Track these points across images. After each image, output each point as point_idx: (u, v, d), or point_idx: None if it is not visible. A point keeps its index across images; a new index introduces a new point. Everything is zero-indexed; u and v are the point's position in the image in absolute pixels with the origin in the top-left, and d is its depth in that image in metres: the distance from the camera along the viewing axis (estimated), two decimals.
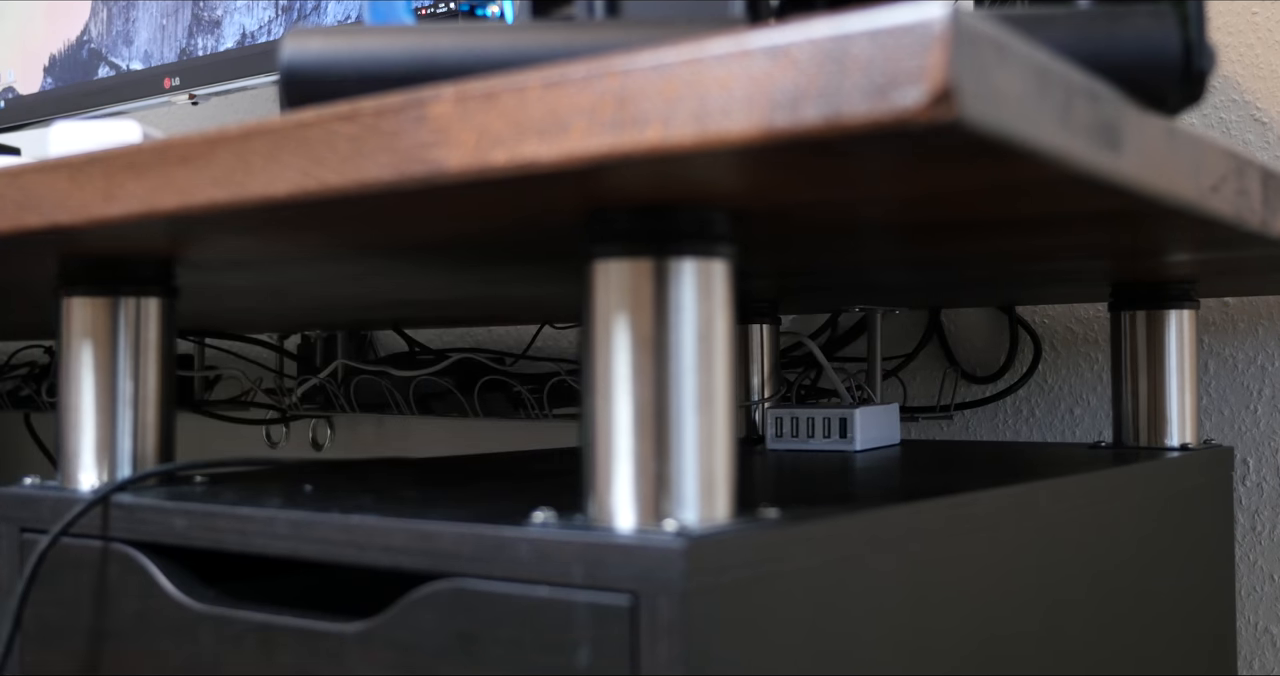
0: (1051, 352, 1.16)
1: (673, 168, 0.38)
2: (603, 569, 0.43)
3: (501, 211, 0.47)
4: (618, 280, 0.45)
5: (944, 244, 0.62)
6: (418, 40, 0.49)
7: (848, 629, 0.49)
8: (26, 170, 0.51)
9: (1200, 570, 0.84)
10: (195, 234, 0.53)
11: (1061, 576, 0.66)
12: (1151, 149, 0.43)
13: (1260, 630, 1.06)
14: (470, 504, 0.54)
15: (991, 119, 0.33)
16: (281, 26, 1.13)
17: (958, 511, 0.57)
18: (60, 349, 0.64)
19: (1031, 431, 1.17)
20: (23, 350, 1.80)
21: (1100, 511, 0.70)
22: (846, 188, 0.43)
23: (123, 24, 1.27)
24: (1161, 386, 0.89)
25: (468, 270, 0.69)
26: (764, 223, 0.51)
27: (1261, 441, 1.06)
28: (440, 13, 0.85)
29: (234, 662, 0.54)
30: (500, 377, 1.31)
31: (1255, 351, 1.07)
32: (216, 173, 0.45)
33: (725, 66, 0.34)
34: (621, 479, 0.45)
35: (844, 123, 0.32)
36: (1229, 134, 1.06)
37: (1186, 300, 0.88)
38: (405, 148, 0.40)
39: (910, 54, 0.32)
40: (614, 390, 0.45)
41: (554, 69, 0.37)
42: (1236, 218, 0.51)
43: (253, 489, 0.63)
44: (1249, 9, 1.06)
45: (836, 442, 0.88)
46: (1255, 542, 1.06)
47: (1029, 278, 0.84)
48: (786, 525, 0.46)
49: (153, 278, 0.65)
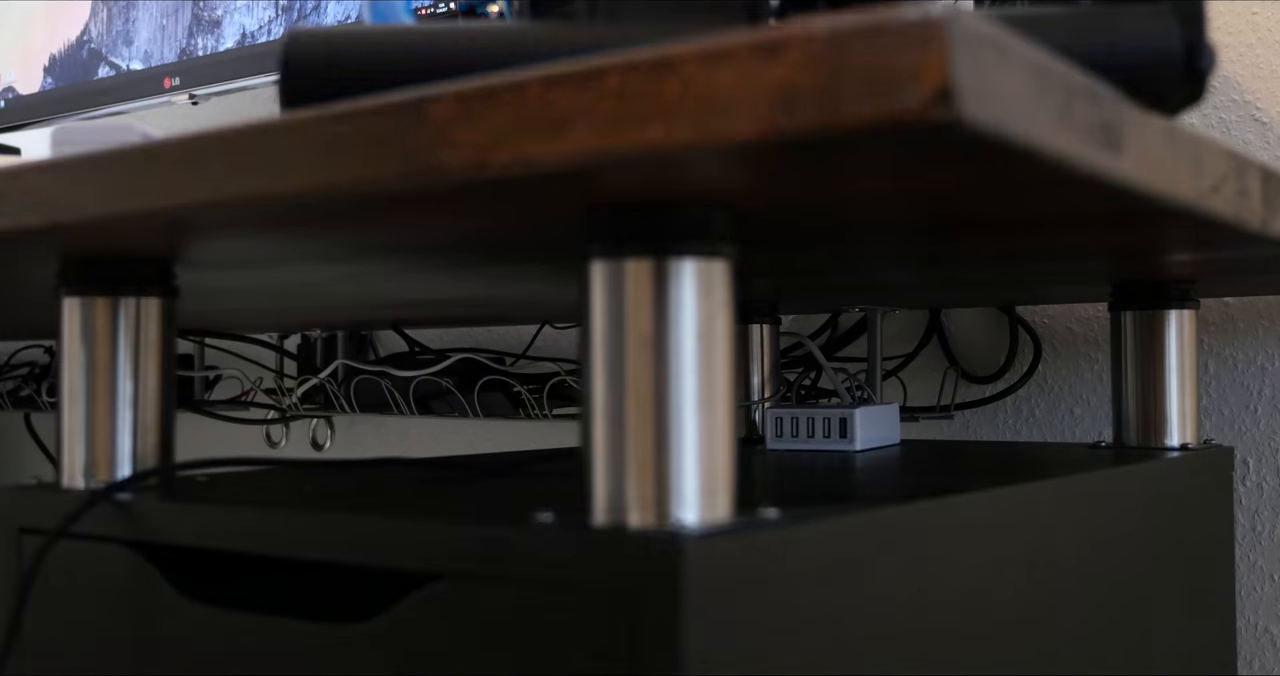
0: (1051, 352, 1.16)
1: (673, 168, 0.38)
2: (603, 568, 0.43)
3: (501, 211, 0.47)
4: (617, 280, 0.45)
5: (944, 244, 0.62)
6: (418, 40, 0.49)
7: (847, 628, 0.49)
8: (26, 170, 0.51)
9: (1200, 570, 0.84)
10: (195, 234, 0.53)
11: (1061, 576, 0.66)
12: (1151, 149, 0.43)
13: (1260, 630, 1.06)
14: (470, 504, 0.54)
15: (991, 119, 0.33)
16: (281, 26, 1.13)
17: (958, 511, 0.57)
18: (60, 349, 0.64)
19: (1031, 431, 1.17)
20: (23, 350, 1.80)
21: (1100, 511, 0.70)
22: (846, 187, 0.43)
23: (123, 24, 1.27)
24: (1161, 386, 0.89)
25: (468, 270, 0.69)
26: (764, 223, 0.51)
27: (1261, 441, 1.06)
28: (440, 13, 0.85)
29: (233, 663, 0.54)
30: (500, 378, 1.31)
31: (1255, 351, 1.07)
32: (216, 173, 0.45)
33: (725, 66, 0.34)
34: (621, 479, 0.45)
35: (844, 122, 0.32)
36: (1229, 134, 1.06)
37: (1186, 300, 0.88)
38: (405, 148, 0.40)
39: (910, 54, 0.32)
40: (614, 390, 0.45)
41: (554, 69, 0.37)
42: (1236, 218, 0.51)
43: (252, 489, 0.63)
44: (1249, 9, 1.06)
45: (836, 442, 0.88)
46: (1255, 542, 1.06)
47: (1029, 278, 0.84)
48: (786, 525, 0.46)
49: (153, 278, 0.65)
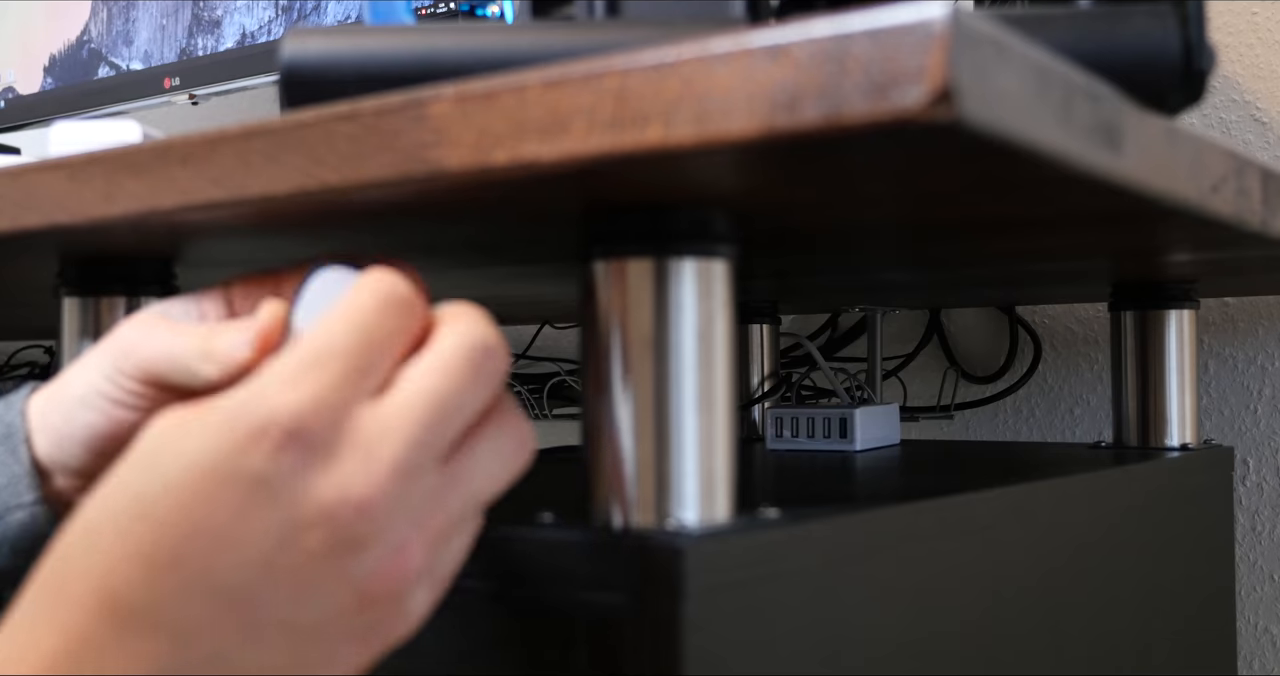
0: (1051, 352, 1.16)
1: (673, 168, 0.38)
2: (603, 568, 0.43)
3: (501, 211, 0.47)
4: (617, 280, 0.45)
5: (944, 244, 0.62)
6: (418, 40, 0.49)
7: (848, 629, 0.49)
8: (26, 170, 0.51)
9: (1200, 570, 0.84)
10: (195, 234, 0.53)
11: (1061, 576, 0.66)
12: (1151, 149, 0.43)
13: (1260, 630, 1.06)
14: None
15: (991, 119, 0.33)
16: (281, 26, 1.13)
17: (958, 511, 0.57)
18: (60, 349, 0.64)
19: (1031, 431, 1.17)
20: (23, 350, 1.80)
21: (1100, 511, 0.70)
22: (846, 187, 0.43)
23: (123, 24, 1.27)
24: (1161, 386, 0.88)
25: (468, 270, 0.69)
26: (764, 223, 0.51)
27: (1261, 441, 1.06)
28: (440, 13, 0.85)
29: None
30: None
31: (1255, 351, 1.07)
32: (216, 173, 0.45)
33: (725, 66, 0.34)
34: (621, 479, 0.45)
35: (844, 122, 0.32)
36: (1229, 134, 1.06)
37: (1186, 300, 0.88)
38: (405, 148, 0.40)
39: (910, 54, 0.32)
40: (614, 390, 0.45)
41: (554, 69, 0.37)
42: (1236, 218, 0.51)
43: None
44: (1249, 9, 1.06)
45: (836, 442, 0.88)
46: (1255, 542, 1.06)
47: (1029, 278, 0.84)
48: (786, 525, 0.46)
49: (153, 278, 0.65)
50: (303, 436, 0.35)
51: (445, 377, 0.37)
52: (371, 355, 0.37)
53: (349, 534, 0.35)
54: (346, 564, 0.35)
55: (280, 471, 0.35)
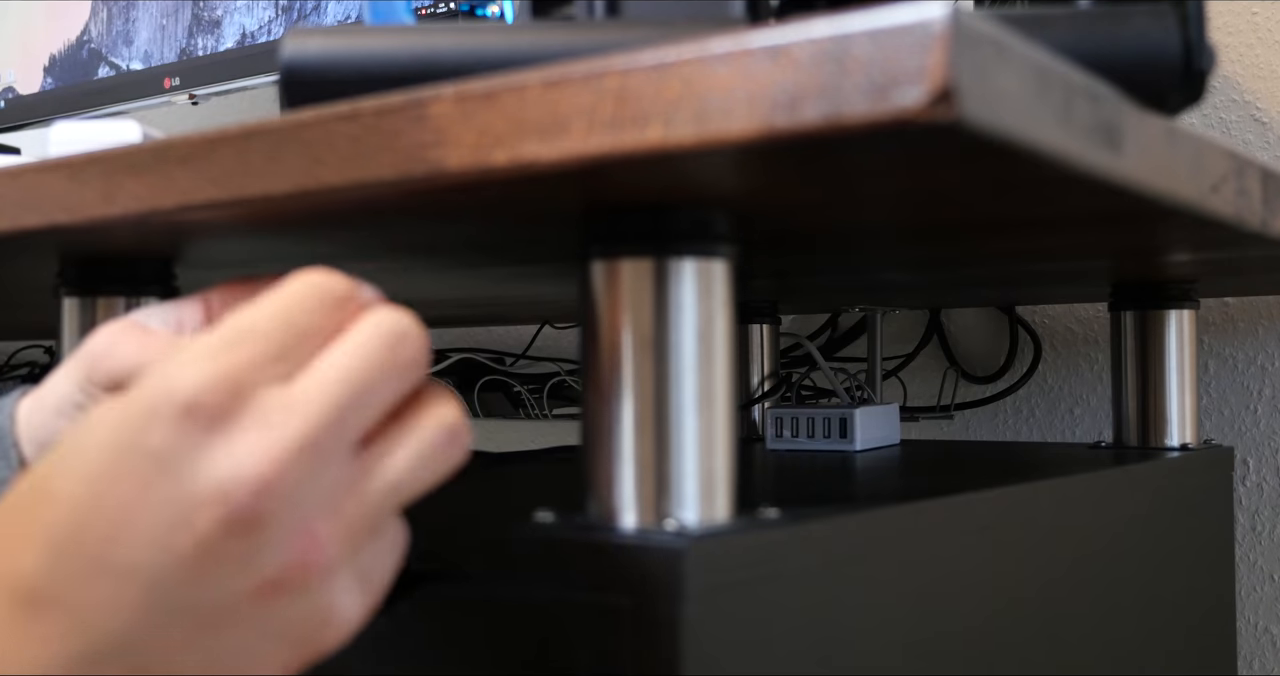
0: (1051, 352, 1.16)
1: (673, 168, 0.38)
2: (603, 568, 0.43)
3: (501, 211, 0.47)
4: (617, 280, 0.45)
5: (944, 244, 0.62)
6: (418, 40, 0.49)
7: (848, 629, 0.49)
8: (26, 170, 0.51)
9: (1200, 570, 0.84)
10: (195, 234, 0.53)
11: (1061, 577, 0.66)
12: (1151, 149, 0.43)
13: (1260, 630, 1.06)
14: (470, 503, 0.55)
15: (991, 119, 0.33)
16: (281, 26, 1.13)
17: (958, 511, 0.57)
18: (60, 349, 0.64)
19: (1031, 431, 1.17)
20: (23, 350, 1.80)
21: (1100, 511, 0.70)
22: (846, 188, 0.43)
23: (123, 24, 1.27)
24: (1161, 386, 0.88)
25: (467, 270, 0.69)
26: (764, 223, 0.51)
27: (1261, 441, 1.06)
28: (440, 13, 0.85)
29: None
30: (500, 377, 1.31)
31: (1255, 351, 1.07)
32: (216, 173, 0.45)
33: (725, 66, 0.34)
34: (621, 479, 0.45)
35: (844, 123, 0.32)
36: (1229, 134, 1.06)
37: (1186, 300, 0.88)
38: (405, 148, 0.40)
39: (910, 54, 0.32)
40: (614, 390, 0.45)
41: (554, 69, 0.37)
42: (1236, 218, 0.51)
43: None
44: (1249, 9, 1.06)
45: (836, 442, 0.88)
46: (1255, 542, 1.06)
47: (1029, 278, 0.84)
48: (786, 525, 0.46)
49: (153, 278, 0.64)
50: (201, 410, 0.34)
51: (357, 360, 0.36)
52: (289, 341, 0.36)
53: (245, 513, 0.34)
54: (243, 545, 0.34)
55: (177, 447, 0.34)
